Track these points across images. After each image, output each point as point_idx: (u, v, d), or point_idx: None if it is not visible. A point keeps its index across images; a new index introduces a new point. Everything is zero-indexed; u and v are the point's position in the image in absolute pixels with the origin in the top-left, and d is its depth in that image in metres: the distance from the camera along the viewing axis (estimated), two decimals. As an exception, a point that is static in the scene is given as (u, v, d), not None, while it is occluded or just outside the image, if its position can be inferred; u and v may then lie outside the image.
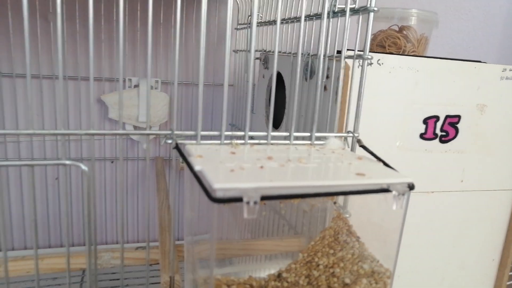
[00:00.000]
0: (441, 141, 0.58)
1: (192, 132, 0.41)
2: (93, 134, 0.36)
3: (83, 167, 0.34)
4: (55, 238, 0.88)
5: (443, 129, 0.58)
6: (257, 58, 0.82)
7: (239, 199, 0.29)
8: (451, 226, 0.63)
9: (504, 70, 0.58)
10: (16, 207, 0.84)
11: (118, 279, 0.74)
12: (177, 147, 0.38)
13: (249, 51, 0.40)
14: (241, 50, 0.88)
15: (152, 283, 0.75)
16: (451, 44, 1.06)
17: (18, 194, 0.84)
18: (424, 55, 0.72)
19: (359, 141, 0.45)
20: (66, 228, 0.37)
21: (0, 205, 0.33)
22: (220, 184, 0.29)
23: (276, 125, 0.71)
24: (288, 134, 0.44)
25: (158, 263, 0.48)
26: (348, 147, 0.47)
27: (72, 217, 0.88)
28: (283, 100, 0.66)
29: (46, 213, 0.86)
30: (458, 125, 0.58)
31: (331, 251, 0.37)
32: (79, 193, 0.87)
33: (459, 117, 0.58)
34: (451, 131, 0.58)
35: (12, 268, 0.42)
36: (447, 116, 0.57)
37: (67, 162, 0.34)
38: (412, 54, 0.69)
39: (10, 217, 0.84)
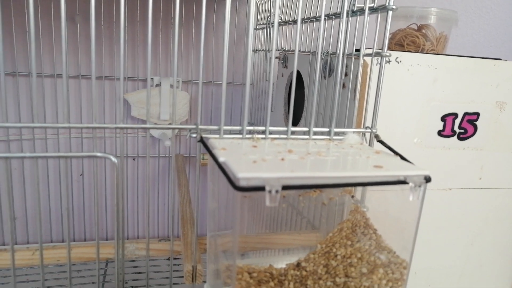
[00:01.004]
0: (460, 138, 0.58)
1: (215, 127, 0.42)
2: (123, 128, 0.38)
3: (114, 159, 0.36)
4: (79, 232, 0.91)
5: (461, 126, 0.58)
6: (276, 57, 0.84)
7: (261, 188, 0.30)
8: (469, 223, 0.63)
9: (524, 67, 0.58)
10: (44, 201, 0.88)
11: (142, 268, 0.76)
12: (202, 141, 0.39)
13: (269, 50, 0.42)
14: (260, 50, 0.89)
15: (175, 274, 0.77)
16: (472, 43, 1.05)
17: (45, 188, 0.87)
18: (444, 53, 0.72)
19: (377, 136, 0.46)
20: (96, 219, 0.39)
21: (37, 195, 0.35)
22: (244, 174, 0.30)
23: (294, 124, 0.73)
24: (307, 129, 0.45)
25: (180, 256, 0.50)
26: (366, 142, 0.48)
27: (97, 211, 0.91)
28: (302, 99, 0.67)
29: (72, 207, 0.89)
30: (476, 123, 0.58)
31: (349, 242, 0.38)
32: (103, 188, 0.90)
33: (478, 114, 0.58)
34: (470, 129, 0.58)
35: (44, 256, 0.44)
36: (465, 114, 0.57)
37: (99, 154, 0.36)
38: (431, 52, 0.69)
39: (39, 210, 0.88)
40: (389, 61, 0.53)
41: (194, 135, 0.41)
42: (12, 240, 0.36)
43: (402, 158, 0.38)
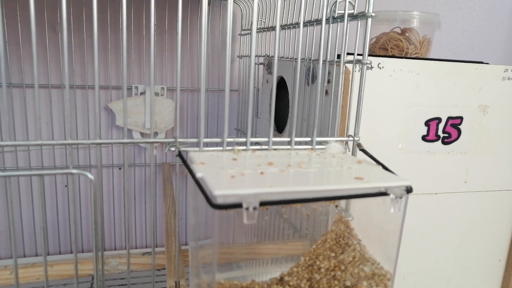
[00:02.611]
0: (444, 143, 0.58)
1: (195, 140, 0.42)
2: (99, 144, 0.37)
3: (90, 175, 0.35)
4: (65, 245, 0.89)
5: (445, 130, 0.58)
6: (260, 63, 0.83)
7: (239, 205, 0.29)
8: (456, 227, 0.63)
9: (506, 70, 0.58)
10: (28, 214, 0.86)
11: (125, 285, 0.75)
12: (180, 155, 0.39)
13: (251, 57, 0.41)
14: (245, 56, 0.89)
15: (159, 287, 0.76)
16: (456, 44, 1.06)
17: (29, 201, 0.86)
18: (427, 56, 0.72)
19: (359, 145, 0.45)
20: (74, 235, 0.38)
21: (10, 213, 0.34)
22: (221, 191, 0.29)
23: (281, 129, 0.72)
24: (289, 139, 0.45)
25: (164, 268, 0.49)
26: (349, 151, 0.48)
27: (82, 224, 0.90)
28: (287, 105, 0.67)
29: (56, 219, 0.88)
30: (460, 126, 0.58)
31: (332, 254, 0.38)
32: (88, 199, 0.89)
33: (461, 118, 0.58)
34: (454, 133, 0.58)
35: (22, 275, 0.43)
36: (449, 118, 0.57)
37: (74, 171, 0.35)
38: (414, 55, 0.69)
39: (22, 224, 0.86)
40: (371, 68, 0.52)
41: (173, 149, 0.40)
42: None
43: (384, 167, 0.38)
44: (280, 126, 0.72)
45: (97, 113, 0.37)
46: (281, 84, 0.70)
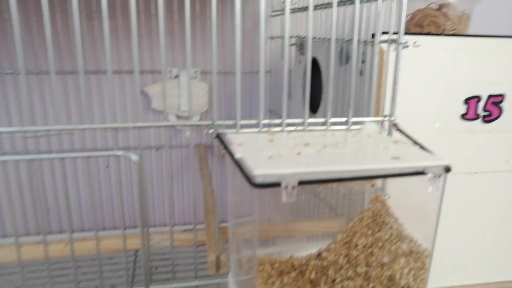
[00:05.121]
0: (484, 121, 0.57)
1: (232, 121, 0.43)
2: (141, 127, 0.39)
3: (134, 157, 0.37)
4: (108, 221, 0.94)
5: (485, 109, 0.56)
6: (293, 44, 0.83)
7: (277, 184, 0.31)
8: (497, 206, 0.62)
9: (552, 44, 0.55)
10: (73, 194, 0.91)
11: (168, 259, 0.78)
12: (219, 137, 0.40)
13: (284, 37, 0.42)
14: (276, 37, 0.88)
15: (200, 263, 0.78)
16: (497, 19, 1.01)
17: (74, 181, 0.90)
18: (466, 32, 0.69)
19: (395, 125, 0.45)
20: (121, 211, 0.41)
21: (64, 191, 0.37)
22: (260, 171, 0.31)
23: (314, 110, 0.72)
24: (324, 120, 0.45)
25: (204, 245, 0.52)
26: (385, 131, 0.47)
27: (124, 202, 0.94)
28: (320, 85, 0.67)
29: (99, 198, 0.92)
30: (502, 105, 0.57)
31: (369, 232, 0.39)
32: (128, 179, 0.93)
33: (503, 96, 0.56)
34: (495, 111, 0.57)
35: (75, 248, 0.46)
36: (490, 96, 0.56)
37: (119, 153, 0.37)
38: (452, 32, 0.67)
39: (68, 203, 0.91)
40: (406, 46, 0.51)
41: (211, 131, 0.42)
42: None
43: (422, 147, 0.38)
44: (313, 106, 0.72)
45: (137, 97, 0.39)
46: (313, 65, 0.70)
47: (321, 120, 0.45)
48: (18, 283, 0.65)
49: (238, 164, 0.33)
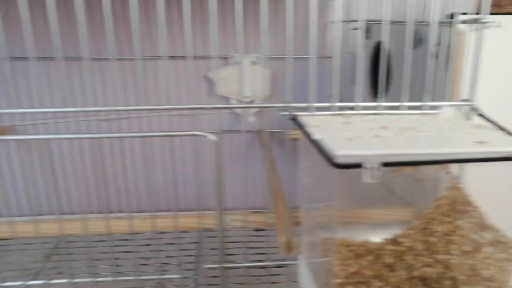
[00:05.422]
0: None
1: (305, 104, 0.43)
2: (220, 108, 0.40)
3: (213, 137, 0.39)
4: (184, 202, 0.98)
5: None
6: (355, 28, 0.81)
7: (359, 165, 0.31)
8: None
9: None
10: (133, 176, 0.96)
11: (240, 235, 0.78)
12: (294, 118, 0.41)
13: (349, 21, 0.41)
14: (340, 21, 0.87)
15: (269, 244, 0.79)
16: None
17: (139, 163, 0.95)
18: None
19: (476, 109, 0.43)
20: (197, 193, 0.43)
21: (144, 171, 0.39)
22: (341, 151, 0.31)
23: (376, 95, 0.70)
24: (399, 104, 0.44)
25: (269, 228, 0.53)
26: (462, 116, 0.46)
27: (186, 184, 0.97)
28: (386, 69, 0.65)
29: (163, 180, 0.96)
30: None
31: (448, 219, 0.38)
32: (191, 162, 0.96)
33: None
34: None
35: (154, 224, 0.49)
36: None
37: (198, 133, 0.39)
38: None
39: (136, 183, 0.96)
40: (488, 27, 0.49)
41: (285, 113, 0.42)
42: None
43: (509, 133, 0.36)
44: (376, 91, 0.70)
45: (213, 82, 0.40)
46: (378, 49, 0.68)
47: (396, 104, 0.44)
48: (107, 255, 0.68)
49: (317, 145, 0.34)
